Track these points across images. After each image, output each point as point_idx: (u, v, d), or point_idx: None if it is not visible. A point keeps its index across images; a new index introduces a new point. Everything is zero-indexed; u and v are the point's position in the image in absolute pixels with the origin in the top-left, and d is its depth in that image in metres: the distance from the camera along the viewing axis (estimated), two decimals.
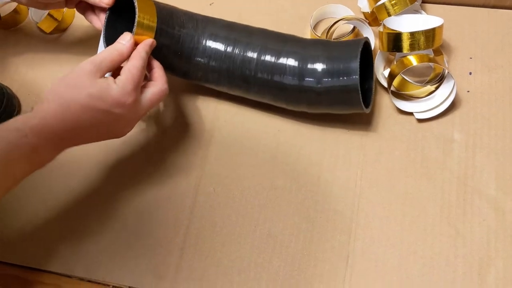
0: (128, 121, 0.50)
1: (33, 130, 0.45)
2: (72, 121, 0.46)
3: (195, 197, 0.59)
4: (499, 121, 0.59)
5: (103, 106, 0.47)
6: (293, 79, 0.55)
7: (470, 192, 0.56)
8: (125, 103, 0.48)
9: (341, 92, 0.54)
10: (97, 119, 0.47)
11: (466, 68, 0.62)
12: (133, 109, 0.49)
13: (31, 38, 0.73)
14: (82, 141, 0.50)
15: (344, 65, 0.53)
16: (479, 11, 0.66)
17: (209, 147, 0.62)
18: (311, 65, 0.54)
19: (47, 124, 0.46)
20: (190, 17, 0.58)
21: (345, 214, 0.56)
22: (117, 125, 0.50)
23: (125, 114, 0.48)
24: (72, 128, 0.47)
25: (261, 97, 0.59)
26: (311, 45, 0.57)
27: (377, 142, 0.59)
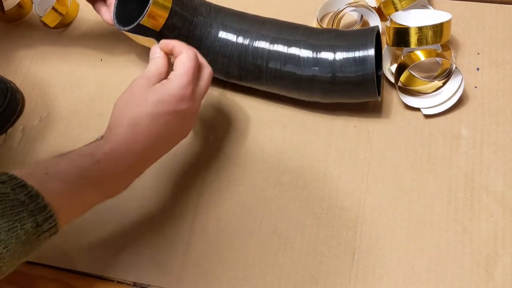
0: (192, 114, 0.50)
1: (106, 155, 0.44)
2: (143, 137, 0.46)
3: (200, 193, 0.58)
4: (507, 117, 0.58)
5: (167, 108, 0.46)
6: (307, 68, 0.55)
7: (478, 189, 0.55)
8: (185, 96, 0.47)
9: (357, 81, 0.54)
10: (167, 125, 0.47)
11: (474, 63, 0.62)
12: (194, 100, 0.49)
13: (35, 32, 0.73)
14: (157, 155, 0.49)
15: (360, 54, 0.53)
16: (487, 7, 0.66)
17: (213, 143, 0.61)
18: (325, 54, 0.54)
19: (120, 149, 0.45)
20: (203, 3, 0.58)
21: (351, 210, 0.56)
22: (185, 123, 0.50)
23: (189, 107, 0.48)
24: (145, 145, 0.46)
25: (273, 87, 0.59)
26: (324, 34, 0.56)
27: (383, 137, 0.59)
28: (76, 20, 0.73)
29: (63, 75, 0.69)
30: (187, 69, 0.48)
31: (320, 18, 0.67)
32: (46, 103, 0.67)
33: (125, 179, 0.47)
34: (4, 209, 0.36)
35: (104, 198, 0.46)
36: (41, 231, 0.38)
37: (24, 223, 0.37)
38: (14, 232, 0.36)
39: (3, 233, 0.36)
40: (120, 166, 0.45)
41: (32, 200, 0.38)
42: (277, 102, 0.63)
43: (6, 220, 0.36)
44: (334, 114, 0.61)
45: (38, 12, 0.72)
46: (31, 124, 0.66)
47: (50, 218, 0.39)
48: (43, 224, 0.38)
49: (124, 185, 0.47)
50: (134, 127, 0.45)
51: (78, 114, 0.66)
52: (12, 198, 0.37)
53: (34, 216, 0.38)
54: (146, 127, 0.46)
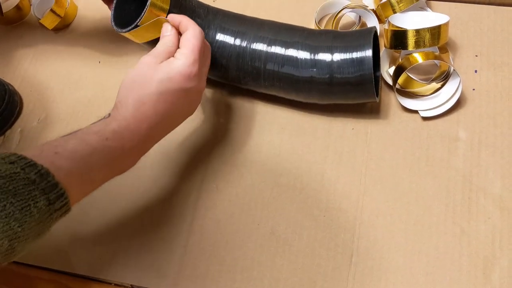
0: (198, 92, 0.50)
1: (114, 133, 0.44)
2: (150, 115, 0.46)
3: (198, 194, 0.58)
4: (505, 119, 0.58)
5: (174, 86, 0.47)
6: (305, 70, 0.55)
7: (475, 191, 0.55)
8: (191, 74, 0.47)
9: (355, 82, 0.54)
10: (173, 103, 0.47)
11: (472, 66, 0.62)
12: (200, 78, 0.49)
13: (33, 34, 0.73)
14: (164, 132, 0.50)
15: (357, 54, 0.53)
16: (485, 9, 0.66)
17: (211, 144, 0.61)
18: (323, 55, 0.54)
19: (128, 126, 0.45)
20: (201, 5, 0.58)
21: (349, 212, 0.56)
22: (191, 101, 0.50)
23: (196, 85, 0.48)
24: (151, 123, 0.46)
25: (271, 89, 0.59)
26: (321, 35, 0.56)
27: (381, 139, 0.59)
28: (74, 22, 0.73)
29: (61, 77, 0.69)
30: (193, 47, 0.48)
31: (319, 20, 0.67)
32: (44, 105, 0.67)
33: (132, 156, 0.47)
34: (16, 188, 0.37)
35: (112, 176, 0.46)
36: (53, 209, 0.39)
37: (37, 201, 0.37)
38: (28, 211, 0.37)
39: (17, 211, 0.36)
40: (127, 144, 0.45)
41: (42, 178, 0.38)
42: (275, 104, 0.63)
43: (19, 198, 0.37)
44: (332, 116, 0.61)
45: (37, 14, 0.72)
46: (29, 126, 0.66)
47: (62, 196, 0.39)
48: (55, 202, 0.39)
49: (130, 163, 0.48)
50: (140, 105, 0.46)
51: (76, 116, 0.66)
52: (23, 177, 0.37)
53: (46, 194, 0.38)
54: (152, 105, 0.46)
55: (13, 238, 0.36)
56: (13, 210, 0.36)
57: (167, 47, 0.49)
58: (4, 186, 0.36)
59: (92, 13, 0.74)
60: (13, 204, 0.36)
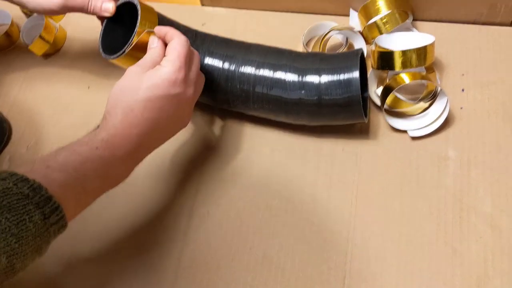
0: (187, 100, 0.50)
1: (103, 142, 0.45)
2: (139, 122, 0.46)
3: (189, 219, 0.58)
4: (493, 137, 0.59)
5: (161, 92, 0.47)
6: (293, 92, 0.55)
7: (466, 210, 0.55)
8: (177, 80, 0.48)
9: (343, 103, 0.54)
10: (161, 109, 0.47)
11: (459, 85, 0.63)
12: (187, 84, 0.49)
13: (23, 60, 0.73)
14: (156, 141, 0.50)
15: (345, 76, 0.53)
16: (470, 28, 0.66)
17: (202, 168, 0.61)
18: (311, 77, 0.54)
19: (116, 134, 0.45)
20: (189, 30, 0.58)
21: (341, 234, 0.55)
22: (181, 109, 0.50)
23: (183, 92, 0.49)
24: (141, 130, 0.46)
25: (260, 111, 0.59)
26: (309, 58, 0.57)
27: (371, 160, 0.59)
28: (63, 47, 0.74)
29: (50, 102, 0.69)
30: (178, 54, 0.48)
31: (306, 42, 0.67)
32: (33, 131, 0.67)
33: (124, 164, 0.47)
34: (10, 203, 0.37)
35: (108, 187, 0.46)
36: (49, 223, 0.39)
37: (32, 215, 0.37)
38: (24, 225, 0.37)
39: (13, 226, 0.36)
40: (118, 151, 0.45)
41: (35, 192, 0.38)
42: (265, 126, 0.63)
43: (14, 213, 0.37)
44: (322, 137, 0.61)
45: (26, 40, 0.72)
46: (18, 153, 0.66)
47: (57, 210, 0.39)
48: (51, 216, 0.39)
49: (124, 172, 0.48)
50: (128, 112, 0.46)
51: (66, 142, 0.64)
52: (15, 192, 0.37)
53: (41, 208, 0.38)
54: (140, 112, 0.46)
55: (11, 254, 0.36)
56: (9, 225, 0.36)
57: (154, 57, 0.50)
58: None
59: (81, 38, 0.74)
60: (8, 219, 0.36)
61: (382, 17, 0.62)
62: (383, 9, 0.62)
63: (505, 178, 0.56)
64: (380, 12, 0.62)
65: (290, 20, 0.70)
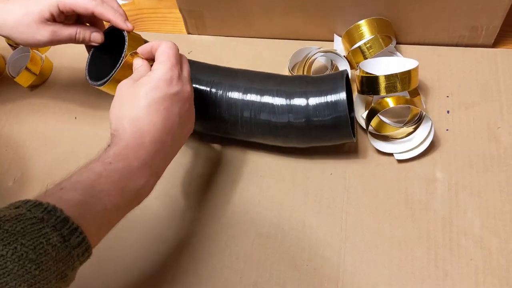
0: (187, 99, 0.49)
1: (116, 155, 0.44)
2: (149, 128, 0.45)
3: (178, 250, 0.57)
4: (480, 158, 0.59)
5: (161, 93, 0.46)
6: (281, 115, 0.55)
7: (456, 232, 0.55)
8: (173, 78, 0.47)
9: (331, 124, 0.55)
10: (167, 110, 0.47)
11: (444, 106, 0.63)
12: (183, 82, 0.49)
13: (9, 92, 0.73)
14: (169, 148, 0.48)
15: (332, 98, 0.54)
16: (453, 50, 0.67)
17: (189, 196, 0.61)
18: (298, 100, 0.55)
19: (128, 146, 0.45)
20: None
21: (332, 260, 0.55)
22: (184, 109, 0.49)
23: (181, 90, 0.48)
24: (153, 136, 0.46)
25: (249, 136, 0.60)
26: (295, 81, 0.57)
27: (360, 184, 0.59)
28: (50, 79, 0.74)
29: (37, 134, 0.68)
30: (168, 55, 0.48)
31: (292, 67, 0.68)
32: (20, 164, 0.66)
33: (143, 176, 0.45)
34: (24, 228, 0.35)
35: (130, 203, 0.44)
36: (70, 246, 0.37)
37: (49, 238, 0.36)
38: (42, 249, 0.35)
39: (30, 252, 0.34)
40: (134, 162, 0.44)
41: (50, 215, 0.37)
42: (253, 153, 0.63)
43: (29, 238, 0.35)
44: (310, 162, 0.61)
45: (12, 72, 0.72)
46: (5, 186, 0.65)
47: (76, 231, 0.38)
48: (71, 238, 0.37)
49: (145, 186, 0.45)
50: (135, 122, 0.45)
51: (53, 174, 0.64)
52: (29, 216, 0.36)
53: (58, 230, 0.36)
54: (147, 118, 0.46)
55: (32, 283, 0.34)
56: (26, 250, 0.34)
57: (141, 72, 0.50)
58: (11, 229, 0.35)
59: (68, 67, 0.74)
60: (24, 245, 0.34)
61: (365, 42, 0.62)
62: (366, 34, 0.63)
63: (493, 199, 0.56)
64: (364, 37, 0.63)
65: (275, 46, 0.71)
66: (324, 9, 0.65)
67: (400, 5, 0.63)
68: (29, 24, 0.53)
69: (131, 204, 0.45)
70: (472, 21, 0.63)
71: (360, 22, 0.64)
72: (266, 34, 0.71)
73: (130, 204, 0.45)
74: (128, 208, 0.45)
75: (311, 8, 0.65)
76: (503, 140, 0.60)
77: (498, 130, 0.61)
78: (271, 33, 0.71)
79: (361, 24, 0.64)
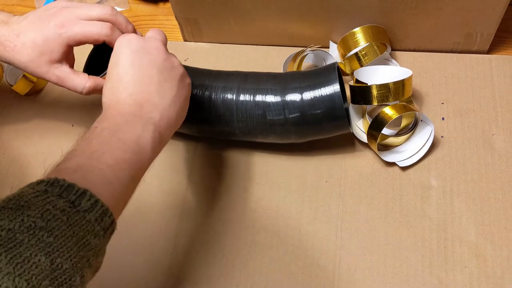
0: (178, 66, 0.50)
1: (99, 119, 0.44)
2: (127, 72, 0.46)
3: (174, 258, 0.58)
4: (474, 166, 0.59)
5: (132, 47, 0.47)
6: (277, 112, 0.56)
7: (451, 239, 0.55)
8: (159, 47, 0.48)
9: (327, 117, 0.55)
10: (150, 61, 0.47)
11: (439, 113, 0.63)
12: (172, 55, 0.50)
13: (6, 99, 0.73)
14: (156, 97, 0.46)
15: (326, 91, 0.55)
16: (448, 57, 0.68)
17: (185, 204, 0.61)
18: (293, 96, 0.56)
19: (109, 107, 0.45)
20: None
21: (327, 268, 0.55)
22: (170, 61, 0.49)
23: (169, 57, 0.49)
24: (129, 92, 0.45)
25: (247, 136, 0.60)
26: (287, 77, 0.58)
27: (355, 191, 0.59)
28: (47, 86, 0.74)
29: (35, 142, 0.69)
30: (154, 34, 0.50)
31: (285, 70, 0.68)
32: (17, 171, 0.67)
33: (135, 126, 0.44)
34: (28, 202, 0.34)
35: (134, 157, 0.43)
36: (82, 210, 0.36)
37: (56, 204, 0.35)
38: (50, 215, 0.34)
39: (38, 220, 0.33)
40: (117, 118, 0.44)
41: (54, 186, 0.36)
42: (248, 160, 0.63)
43: (35, 208, 0.34)
44: (305, 170, 0.61)
45: (9, 80, 0.72)
46: (2, 194, 0.65)
47: (85, 195, 0.36)
48: (81, 202, 0.36)
49: (143, 135, 0.44)
50: (115, 80, 0.46)
51: None
52: (32, 191, 0.35)
53: (64, 198, 0.35)
54: (127, 67, 0.46)
55: (50, 251, 0.33)
56: (33, 220, 0.33)
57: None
58: (15, 206, 0.34)
59: None
60: (30, 216, 0.33)
61: (361, 49, 0.63)
62: (362, 41, 0.64)
63: (487, 206, 0.57)
64: (359, 44, 0.64)
65: (271, 53, 0.71)
66: (319, 16, 0.65)
67: (394, 13, 0.63)
68: (40, 66, 0.52)
69: (136, 156, 0.43)
70: (466, 28, 0.64)
71: (355, 30, 0.64)
72: (262, 42, 0.71)
73: (136, 156, 0.43)
74: (135, 162, 0.43)
75: (306, 15, 0.66)
76: (497, 146, 0.60)
77: (493, 137, 0.61)
78: (267, 40, 0.71)
79: (356, 31, 0.64)
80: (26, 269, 0.31)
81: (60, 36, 0.51)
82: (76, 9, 0.52)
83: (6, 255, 0.31)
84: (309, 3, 0.63)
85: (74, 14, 0.51)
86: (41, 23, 0.51)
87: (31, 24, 0.52)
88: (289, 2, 0.63)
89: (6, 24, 0.52)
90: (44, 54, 0.51)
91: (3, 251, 0.31)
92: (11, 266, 0.31)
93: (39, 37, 0.51)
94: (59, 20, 0.51)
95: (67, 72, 0.53)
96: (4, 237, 0.32)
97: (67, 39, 0.51)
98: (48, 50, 0.51)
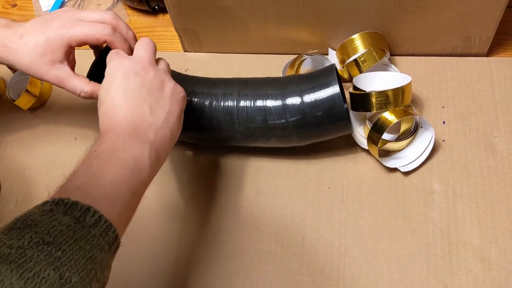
0: (166, 77, 0.50)
1: (97, 142, 0.45)
2: (118, 95, 0.47)
3: (177, 267, 0.58)
4: (477, 169, 0.59)
5: (124, 70, 0.48)
6: (278, 116, 0.56)
7: (455, 243, 0.55)
8: (143, 63, 0.49)
9: (328, 118, 0.55)
10: (133, 84, 0.48)
11: (440, 117, 0.63)
12: (156, 68, 0.50)
13: (9, 114, 0.73)
14: (149, 117, 0.47)
15: (326, 92, 0.55)
16: (447, 60, 0.68)
17: (186, 213, 0.61)
18: (293, 99, 0.56)
19: (105, 130, 0.46)
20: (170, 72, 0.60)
21: (331, 275, 0.55)
22: (159, 76, 0.49)
23: (155, 68, 0.50)
24: (124, 114, 0.46)
25: (248, 141, 0.60)
26: (287, 81, 0.58)
27: (358, 197, 0.59)
28: (49, 100, 0.74)
29: (38, 156, 0.69)
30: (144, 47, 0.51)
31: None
32: (22, 186, 0.67)
33: (133, 146, 0.45)
34: (35, 221, 0.36)
35: (133, 174, 0.44)
36: (87, 226, 0.37)
37: (61, 220, 0.36)
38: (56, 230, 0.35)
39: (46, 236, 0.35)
40: (114, 140, 0.45)
41: (58, 205, 0.37)
42: (250, 168, 0.63)
43: (41, 225, 0.35)
44: (307, 177, 0.61)
45: (12, 95, 0.73)
46: (7, 209, 0.66)
47: (89, 211, 0.38)
48: (86, 218, 0.37)
49: (141, 153, 0.45)
50: (107, 108, 0.47)
51: None
52: (38, 211, 0.37)
53: (69, 214, 0.37)
54: (117, 91, 0.47)
55: (58, 266, 0.34)
56: (41, 236, 0.34)
57: None
58: (23, 225, 0.35)
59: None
60: (37, 232, 0.35)
61: (359, 56, 0.63)
62: (360, 47, 0.64)
63: (491, 209, 0.57)
64: (358, 50, 0.64)
65: (271, 61, 0.72)
66: (317, 24, 0.66)
67: (393, 18, 0.63)
68: (42, 66, 0.52)
69: (135, 173, 0.44)
70: (465, 32, 0.64)
71: (354, 36, 0.64)
72: (262, 50, 0.72)
73: (134, 173, 0.44)
74: (134, 178, 0.44)
75: (304, 22, 0.66)
76: (499, 149, 0.60)
77: (495, 140, 0.61)
78: (266, 49, 0.71)
79: (355, 38, 0.64)
80: (36, 283, 0.32)
81: (61, 36, 0.51)
82: (79, 12, 0.53)
83: (17, 270, 0.32)
84: (307, 11, 0.63)
85: (77, 16, 0.53)
86: (44, 24, 0.52)
87: (34, 26, 0.53)
88: (287, 10, 0.64)
89: (10, 28, 0.54)
90: (46, 54, 0.52)
91: (14, 267, 0.32)
92: (22, 281, 0.32)
93: (42, 37, 0.52)
94: (61, 21, 0.52)
95: (68, 73, 0.53)
96: (14, 254, 0.33)
97: (68, 39, 0.52)
98: (49, 50, 0.52)
